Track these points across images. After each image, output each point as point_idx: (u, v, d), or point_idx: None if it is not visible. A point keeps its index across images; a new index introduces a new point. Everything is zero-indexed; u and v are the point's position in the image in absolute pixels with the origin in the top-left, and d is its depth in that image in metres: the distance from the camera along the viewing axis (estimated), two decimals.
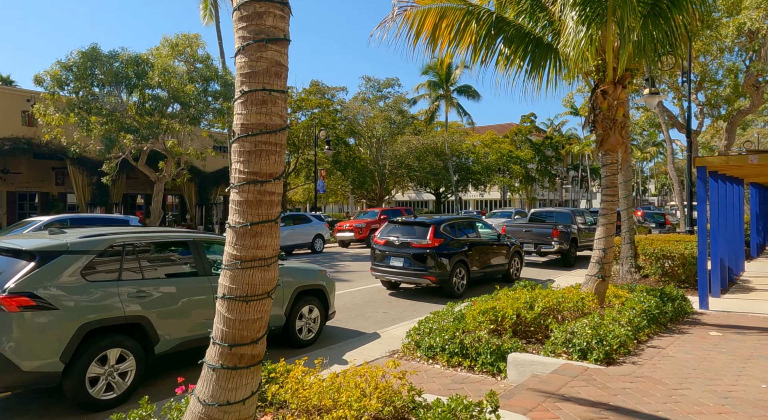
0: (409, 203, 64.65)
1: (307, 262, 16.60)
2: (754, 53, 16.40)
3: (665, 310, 6.94)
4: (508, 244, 11.59)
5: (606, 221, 7.66)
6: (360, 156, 32.25)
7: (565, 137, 56.39)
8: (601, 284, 7.54)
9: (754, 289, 10.06)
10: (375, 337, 6.92)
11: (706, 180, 8.36)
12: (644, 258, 10.55)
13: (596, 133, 7.72)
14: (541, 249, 14.12)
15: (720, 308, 8.31)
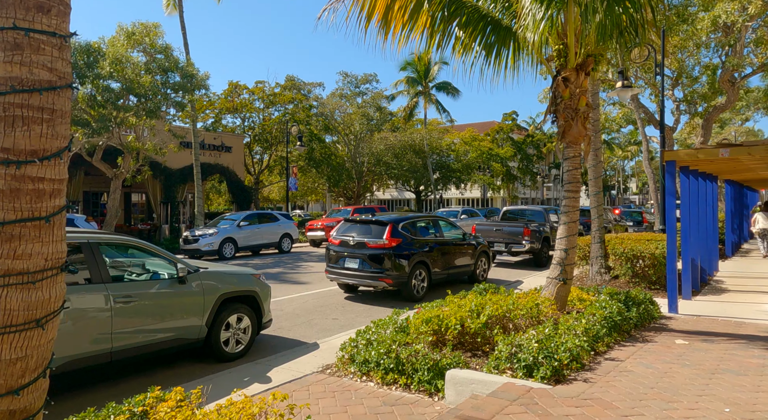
0: (391, 202, 64.05)
1: (271, 262, 15.92)
2: (729, 48, 16.08)
3: (629, 316, 6.39)
4: (474, 243, 11.01)
5: (568, 220, 7.10)
6: (336, 153, 31.51)
7: (547, 135, 56.27)
8: (563, 288, 6.97)
9: (727, 291, 9.61)
10: (313, 348, 6.26)
11: (675, 175, 7.85)
12: (614, 258, 10.05)
13: (558, 124, 7.15)
14: (512, 248, 13.59)
15: (690, 312, 7.81)
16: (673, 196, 7.78)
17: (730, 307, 8.11)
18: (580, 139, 7.01)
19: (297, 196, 38.81)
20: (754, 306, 8.13)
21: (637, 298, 7.09)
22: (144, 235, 23.25)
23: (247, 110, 28.30)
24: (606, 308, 6.27)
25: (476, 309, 5.26)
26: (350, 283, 9.64)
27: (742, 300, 8.68)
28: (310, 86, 33.81)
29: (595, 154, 10.58)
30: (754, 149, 7.15)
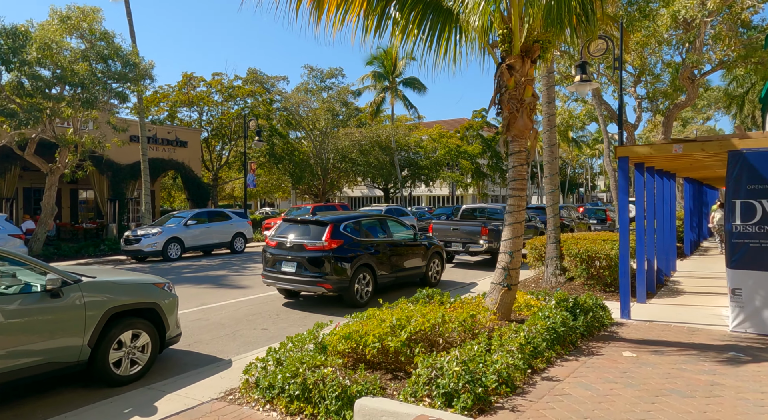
0: (361, 199, 63.33)
1: (218, 263, 15.02)
2: (689, 45, 15.94)
3: (575, 325, 5.86)
4: (425, 244, 10.41)
5: (513, 220, 6.54)
6: (299, 149, 30.59)
7: None
8: (507, 294, 6.41)
9: (683, 292, 9.27)
10: (225, 367, 5.52)
11: (627, 171, 7.39)
12: (569, 259, 9.60)
13: (502, 116, 6.57)
14: (469, 248, 13.07)
15: (643, 317, 7.38)
16: (626, 194, 7.34)
17: (684, 311, 7.72)
18: (525, 132, 6.45)
19: (261, 194, 37.67)
20: (709, 309, 7.76)
21: (585, 304, 6.58)
22: (91, 233, 21.93)
23: (204, 104, 27.10)
24: (549, 318, 5.73)
25: (398, 324, 4.61)
26: (294, 288, 8.90)
27: (697, 303, 8.32)
28: (273, 80, 32.74)
29: (550, 151, 10.11)
30: (707, 145, 6.72)
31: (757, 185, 6.43)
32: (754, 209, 6.43)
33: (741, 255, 6.49)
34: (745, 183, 6.50)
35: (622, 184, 7.47)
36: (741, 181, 6.53)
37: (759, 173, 6.41)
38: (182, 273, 13.02)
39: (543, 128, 10.22)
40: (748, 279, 6.44)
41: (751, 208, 6.45)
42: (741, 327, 6.48)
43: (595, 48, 11.65)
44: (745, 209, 6.50)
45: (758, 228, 6.41)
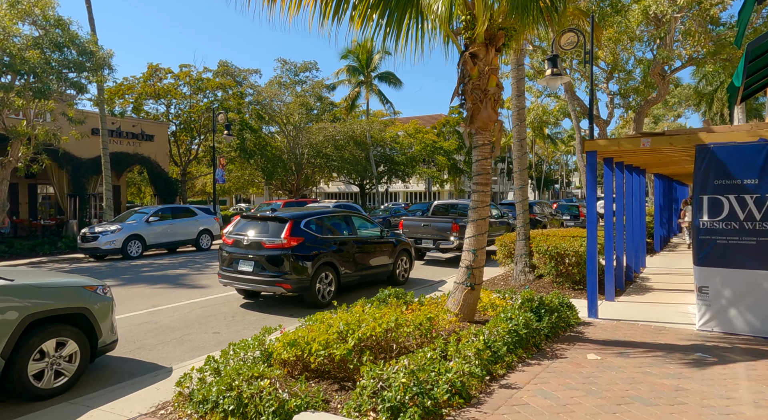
0: (338, 195, 62.81)
1: (181, 262, 14.43)
2: (660, 41, 15.95)
3: (539, 326, 5.60)
4: (393, 241, 10.08)
5: (476, 217, 6.24)
6: (272, 143, 29.91)
7: None
8: (470, 294, 6.12)
9: (652, 289, 9.15)
10: (163, 377, 5.08)
11: (595, 166, 7.17)
12: (539, 256, 9.39)
13: (465, 107, 6.26)
14: (440, 245, 12.81)
15: (611, 315, 7.19)
16: (594, 190, 7.14)
17: (652, 309, 7.56)
18: (490, 124, 6.15)
19: (234, 189, 36.84)
20: (677, 307, 7.63)
21: (551, 304, 6.33)
22: (50, 231, 20.97)
23: (172, 96, 26.21)
24: (512, 320, 5.45)
25: (346, 329, 4.26)
26: (245, 289, 8.45)
27: (665, 300, 8.20)
28: (245, 73, 31.93)
29: (520, 145, 9.87)
30: (675, 139, 6.54)
31: (724, 180, 6.27)
32: (721, 205, 6.28)
33: (708, 252, 6.33)
34: (712, 178, 6.34)
35: (590, 180, 7.25)
36: (708, 177, 6.36)
37: (726, 168, 6.25)
38: (140, 272, 12.42)
39: (513, 122, 9.97)
40: (715, 276, 6.28)
41: (718, 204, 6.29)
42: (708, 326, 6.32)
43: (566, 41, 11.45)
44: (712, 205, 6.33)
45: (725, 224, 6.25)
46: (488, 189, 6.26)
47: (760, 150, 6.06)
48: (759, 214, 6.06)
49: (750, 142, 6.11)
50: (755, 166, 6.09)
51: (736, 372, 4.67)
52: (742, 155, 6.16)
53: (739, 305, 6.13)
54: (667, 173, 14.97)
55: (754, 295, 6.06)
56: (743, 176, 6.16)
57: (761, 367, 4.84)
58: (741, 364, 4.94)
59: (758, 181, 6.07)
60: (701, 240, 6.39)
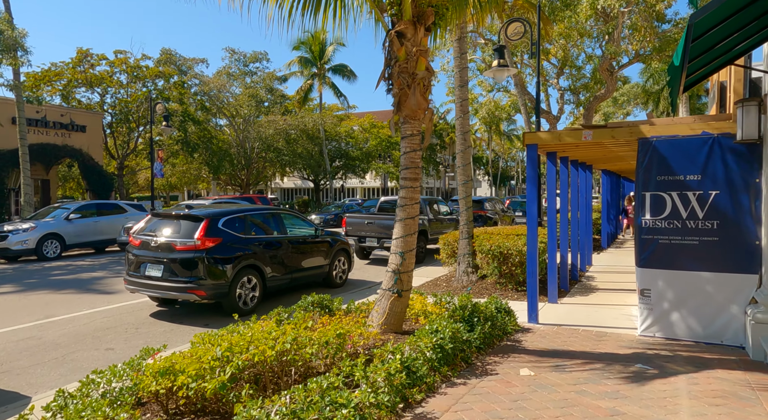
0: (294, 191, 61.44)
1: (102, 263, 13.20)
2: (608, 36, 15.87)
3: (470, 338, 5.03)
4: (329, 241, 9.36)
5: (405, 215, 5.61)
6: (218, 136, 28.50)
7: (450, 125, 56.65)
8: (397, 302, 5.49)
9: (597, 289, 8.83)
10: (15, 411, 4.18)
11: (536, 160, 6.69)
12: (481, 256, 8.90)
13: (392, 93, 5.61)
14: (384, 244, 12.18)
15: (552, 320, 6.75)
16: (536, 185, 6.66)
17: (595, 312, 7.18)
18: (419, 112, 5.52)
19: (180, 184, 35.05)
20: (621, 309, 7.28)
21: (487, 311, 5.79)
22: None
23: (107, 84, 24.42)
24: (438, 332, 4.85)
25: (225, 356, 3.51)
26: (156, 295, 7.54)
27: (609, 301, 7.86)
28: (191, 62, 30.33)
29: (463, 139, 9.34)
30: (618, 132, 6.12)
31: (666, 176, 5.89)
32: (663, 203, 5.90)
33: (650, 253, 5.95)
34: (654, 174, 5.95)
35: (531, 175, 6.76)
36: (651, 172, 5.97)
37: (668, 163, 5.87)
38: (50, 275, 11.17)
39: (456, 114, 9.42)
40: (657, 279, 5.90)
41: (660, 202, 5.91)
42: (649, 331, 5.95)
43: (513, 31, 11.02)
44: (654, 203, 5.95)
45: (667, 223, 5.88)
46: (418, 184, 5.64)
47: (702, 144, 5.70)
48: (701, 213, 5.71)
49: (692, 136, 5.74)
50: (698, 162, 5.73)
51: (677, 388, 4.23)
52: (684, 150, 5.80)
53: (682, 309, 5.78)
54: (614, 169, 14.90)
55: (696, 298, 5.71)
56: (686, 172, 5.79)
57: (702, 379, 4.43)
58: (682, 376, 4.52)
59: (701, 177, 5.71)
60: (643, 240, 6.00)
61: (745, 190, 5.51)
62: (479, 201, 18.51)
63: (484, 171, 67.40)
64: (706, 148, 5.68)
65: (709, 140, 5.66)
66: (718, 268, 5.60)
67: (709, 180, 5.67)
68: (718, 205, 5.62)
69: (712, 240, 5.65)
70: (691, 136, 5.75)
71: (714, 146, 5.64)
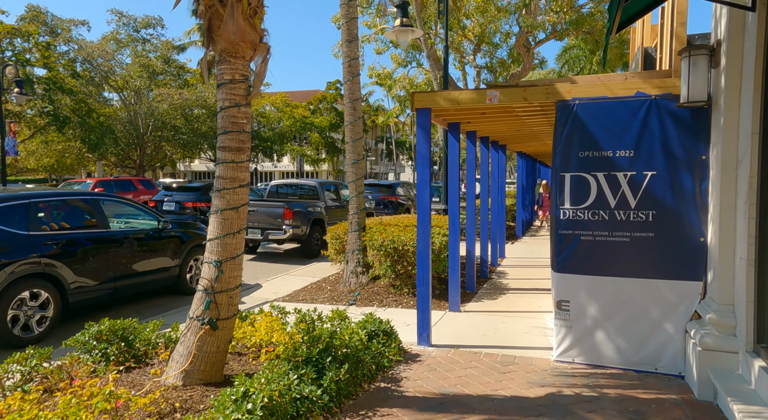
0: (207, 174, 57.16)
1: None
2: (525, 8, 14.76)
3: (312, 394, 3.27)
4: (178, 236, 7.25)
5: (224, 204, 3.70)
6: (98, 110, 24.70)
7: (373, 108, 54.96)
8: (211, 337, 3.60)
9: (508, 290, 7.48)
10: None
11: (429, 129, 5.03)
12: (373, 253, 7.22)
13: (198, 13, 3.64)
14: (269, 236, 10.19)
15: (449, 339, 5.20)
16: (427, 161, 5.02)
17: (504, 324, 5.74)
18: (243, 46, 3.61)
19: (59, 166, 30.43)
20: (534, 319, 5.90)
21: (352, 341, 4.07)
22: None
23: None
24: (270, 383, 3.05)
25: None
26: None
27: (521, 306, 6.49)
28: (68, 24, 26.03)
29: (352, 107, 7.53)
30: (531, 92, 4.58)
31: (591, 152, 4.45)
32: (587, 187, 4.46)
33: (570, 253, 4.51)
34: (576, 148, 4.49)
35: (422, 149, 5.10)
36: (571, 146, 4.51)
37: (593, 135, 4.43)
38: None
39: (343, 76, 7.59)
40: (579, 287, 4.49)
41: (583, 186, 4.48)
42: (567, 355, 4.53)
43: None
44: (576, 186, 4.50)
45: (592, 214, 4.46)
46: (245, 157, 3.75)
47: (637, 109, 4.30)
48: (634, 200, 4.33)
49: (624, 98, 4.32)
50: (630, 132, 4.32)
51: None
52: (614, 116, 4.37)
53: (609, 326, 4.40)
54: (530, 152, 13.87)
55: (626, 312, 4.35)
56: (615, 146, 4.38)
57: None
58: None
59: (633, 154, 4.32)
60: (561, 236, 4.55)
61: (688, 169, 4.18)
62: (390, 185, 16.96)
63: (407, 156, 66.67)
64: (641, 114, 4.28)
65: (645, 103, 4.26)
66: (653, 273, 4.27)
67: (643, 157, 4.28)
68: (654, 190, 4.26)
69: (646, 236, 4.29)
70: (622, 98, 4.33)
71: (651, 111, 4.25)
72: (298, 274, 8.96)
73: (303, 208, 10.59)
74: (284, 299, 7.12)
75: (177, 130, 27.16)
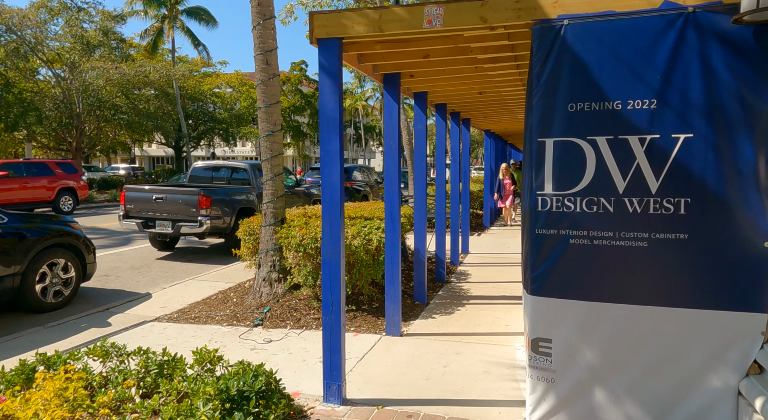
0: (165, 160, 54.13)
1: None
2: None
3: None
4: (20, 234, 5.31)
5: None
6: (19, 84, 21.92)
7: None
8: None
9: (468, 299, 5.84)
10: None
11: (338, 68, 3.25)
12: (291, 253, 5.44)
13: None
14: (182, 229, 8.27)
15: (371, 391, 3.50)
16: (336, 129, 3.28)
17: (457, 357, 4.08)
18: None
19: None
20: (498, 349, 4.26)
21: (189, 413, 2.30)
22: None
23: None
24: None
25: None
26: None
27: (483, 325, 4.84)
28: None
29: (265, 61, 5.66)
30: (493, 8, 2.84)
31: (587, 103, 2.75)
32: (580, 159, 2.78)
33: (553, 264, 2.84)
34: (563, 97, 2.79)
35: (328, 106, 3.31)
36: (556, 93, 2.80)
37: (589, 75, 2.73)
38: None
39: (252, 20, 5.71)
40: (566, 319, 2.83)
41: (574, 158, 2.79)
42: None
43: None
44: (563, 159, 2.81)
45: (587, 203, 2.78)
46: None
47: (665, 29, 2.60)
48: (656, 181, 2.66)
49: (643, 12, 2.63)
50: (652, 69, 2.64)
51: None
52: (625, 43, 2.67)
53: (614, 382, 2.77)
54: (499, 131, 12.25)
55: (644, 358, 2.72)
56: (627, 93, 2.69)
57: None
58: None
59: (657, 105, 2.64)
60: (539, 238, 2.87)
61: (747, 130, 2.53)
62: (345, 169, 15.11)
63: (378, 141, 64.77)
64: (670, 39, 2.59)
65: (677, 21, 2.58)
66: (686, 298, 2.64)
67: (673, 110, 2.62)
68: (689, 163, 2.61)
69: (675, 238, 2.65)
70: (639, 12, 2.64)
71: (687, 33, 2.57)
72: (209, 278, 7.13)
73: (226, 195, 8.70)
74: (171, 317, 5.31)
75: (117, 110, 24.55)
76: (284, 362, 4.02)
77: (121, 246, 9.75)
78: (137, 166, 52.47)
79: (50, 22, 25.20)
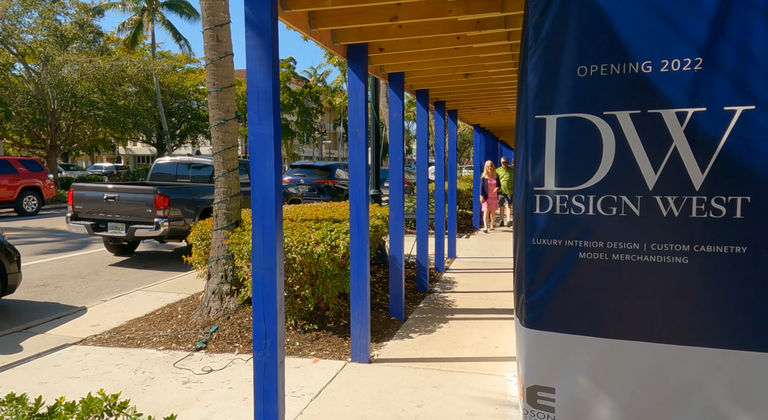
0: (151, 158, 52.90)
1: None
2: None
3: None
4: None
5: None
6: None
7: (330, 89, 51.88)
8: None
9: (452, 313, 5.07)
10: None
11: (268, 33, 2.46)
12: (243, 262, 4.63)
13: None
14: (136, 231, 7.42)
15: None
16: (270, 104, 2.51)
17: (435, 393, 3.31)
18: None
19: None
20: (486, 380, 3.49)
21: None
22: None
23: None
24: None
25: None
26: None
27: (468, 347, 4.07)
28: None
29: (215, 37, 4.82)
30: None
31: (604, 65, 1.99)
32: (593, 143, 2.01)
33: (556, 286, 2.07)
34: (571, 57, 2.01)
35: (260, 82, 2.52)
36: (561, 52, 2.02)
37: (605, 26, 1.96)
38: None
39: None
40: (575, 361, 2.06)
41: (585, 141, 2.02)
42: None
43: None
44: (569, 143, 2.04)
45: (603, 203, 2.01)
46: None
47: None
48: (702, 173, 1.90)
49: None
50: (702, 9, 1.88)
51: None
52: None
53: None
54: (489, 125, 11.52)
55: (685, 415, 1.97)
56: (660, 50, 1.92)
57: None
58: None
59: (702, 65, 1.89)
60: (537, 251, 2.10)
61: None
62: (327, 167, 14.31)
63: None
64: None
65: None
66: (747, 336, 1.88)
67: (728, 70, 1.86)
68: (750, 147, 1.85)
69: (729, 253, 1.89)
70: None
71: None
72: (161, 288, 6.30)
73: (187, 194, 7.86)
74: (100, 338, 4.48)
75: (94, 106, 23.52)
76: (220, 402, 3.22)
77: (74, 250, 8.86)
78: (122, 164, 51.26)
79: (23, 14, 24.13)
